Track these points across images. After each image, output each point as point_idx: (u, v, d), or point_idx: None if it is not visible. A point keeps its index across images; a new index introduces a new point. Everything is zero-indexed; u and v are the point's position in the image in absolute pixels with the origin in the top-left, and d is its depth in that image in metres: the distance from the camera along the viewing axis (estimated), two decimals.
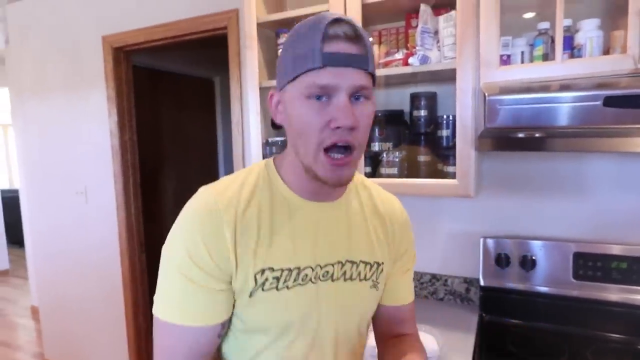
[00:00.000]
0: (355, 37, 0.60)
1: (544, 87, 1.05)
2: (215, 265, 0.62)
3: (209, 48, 2.52)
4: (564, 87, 1.02)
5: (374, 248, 0.75)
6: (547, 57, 1.14)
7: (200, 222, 0.63)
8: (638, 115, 0.89)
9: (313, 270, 0.68)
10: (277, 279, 0.65)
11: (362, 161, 1.35)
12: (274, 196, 0.68)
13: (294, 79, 0.61)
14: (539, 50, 1.14)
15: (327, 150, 0.61)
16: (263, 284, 0.64)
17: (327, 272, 0.70)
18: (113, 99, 2.28)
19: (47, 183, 2.67)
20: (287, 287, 0.66)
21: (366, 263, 0.74)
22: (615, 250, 1.26)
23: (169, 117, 3.04)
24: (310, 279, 0.68)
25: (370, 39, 1.48)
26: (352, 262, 0.72)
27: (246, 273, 0.63)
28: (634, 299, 1.24)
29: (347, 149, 0.61)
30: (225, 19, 1.88)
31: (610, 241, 1.31)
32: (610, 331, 1.27)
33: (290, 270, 0.66)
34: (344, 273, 0.71)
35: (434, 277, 1.58)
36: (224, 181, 0.69)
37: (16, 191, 4.44)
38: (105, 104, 2.32)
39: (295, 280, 0.66)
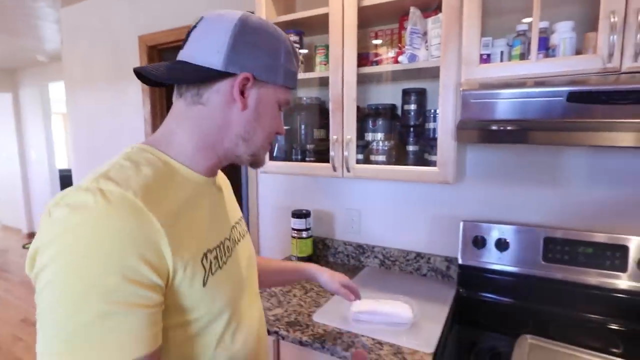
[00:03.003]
0: None
1: (520, 84, 1.02)
2: (157, 276, 0.48)
3: None
4: (537, 84, 0.99)
5: (235, 206, 0.78)
6: (524, 56, 1.10)
7: (129, 231, 0.46)
8: (600, 111, 0.85)
9: (228, 239, 0.65)
10: (217, 257, 0.59)
11: (354, 148, 1.34)
12: (177, 178, 0.58)
13: (279, 86, 0.63)
14: (516, 50, 1.10)
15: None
16: (210, 267, 0.57)
17: (233, 238, 0.68)
18: (147, 91, 2.32)
19: (92, 165, 2.76)
20: (225, 263, 0.62)
21: (240, 219, 0.77)
22: (583, 236, 1.22)
23: None
24: (230, 248, 0.65)
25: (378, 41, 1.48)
26: (237, 223, 0.74)
27: (191, 264, 0.53)
28: (598, 280, 1.21)
29: None
30: None
31: (579, 228, 1.28)
32: (572, 309, 1.24)
33: (219, 246, 0.61)
34: (239, 233, 0.72)
35: (418, 255, 1.57)
36: (113, 174, 0.51)
37: (70, 170, 4.59)
38: (140, 95, 2.37)
39: (225, 254, 0.62)
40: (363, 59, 1.42)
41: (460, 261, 1.40)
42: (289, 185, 1.87)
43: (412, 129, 1.42)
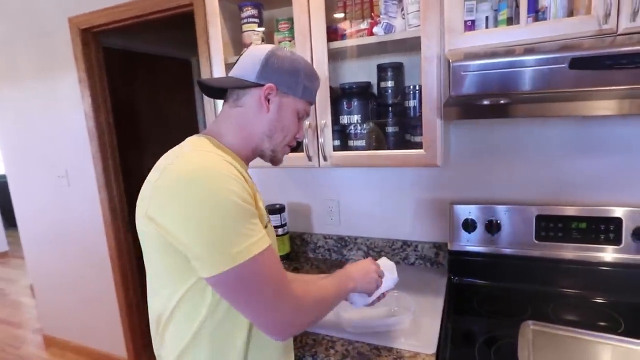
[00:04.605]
0: None
1: (509, 52, 0.94)
2: (253, 203, 0.70)
3: (184, 28, 2.31)
4: (529, 51, 0.91)
5: None
6: (511, 21, 1.03)
7: (233, 178, 0.67)
8: (602, 77, 0.79)
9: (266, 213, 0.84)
10: (266, 216, 0.79)
11: (330, 134, 1.24)
12: (233, 161, 0.76)
13: (298, 98, 0.83)
14: (503, 15, 1.02)
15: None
16: (265, 217, 0.78)
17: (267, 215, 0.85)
18: (85, 82, 2.08)
19: (29, 168, 2.48)
20: (267, 226, 0.78)
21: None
22: (575, 211, 1.20)
23: (147, 98, 2.84)
24: (268, 219, 0.83)
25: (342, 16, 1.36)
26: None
27: (262, 209, 0.75)
28: (592, 256, 1.19)
29: None
30: None
31: (571, 203, 1.25)
32: (569, 287, 1.23)
33: (264, 210, 0.79)
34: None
35: (405, 243, 1.51)
36: (201, 151, 0.72)
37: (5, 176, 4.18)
38: (77, 86, 2.12)
39: (267, 219, 0.81)
40: (331, 32, 1.30)
41: (450, 247, 1.36)
42: (258, 178, 1.75)
43: (390, 109, 1.33)
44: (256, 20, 1.35)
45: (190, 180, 0.63)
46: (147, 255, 0.73)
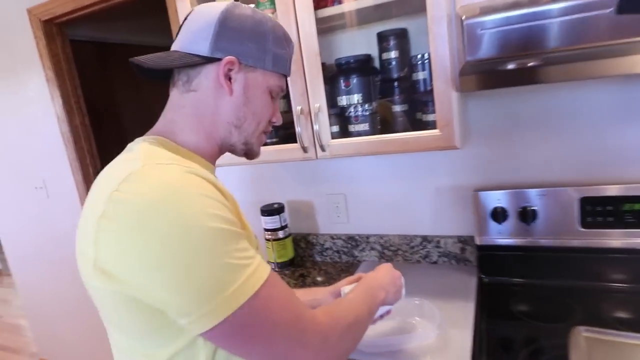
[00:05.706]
0: None
1: (532, 2, 0.81)
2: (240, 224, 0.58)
3: (161, 12, 2.20)
4: None
5: None
6: None
7: (207, 196, 0.54)
8: None
9: None
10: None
11: (326, 120, 1.12)
12: (199, 169, 0.62)
13: (269, 71, 0.70)
14: None
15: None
16: (256, 240, 0.67)
17: None
18: (53, 80, 1.98)
19: (3, 180, 2.42)
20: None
21: None
22: (627, 190, 1.07)
23: (128, 94, 2.74)
24: None
25: None
26: None
27: (249, 228, 0.64)
28: None
29: None
30: None
31: (620, 181, 1.12)
32: (624, 282, 1.10)
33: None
34: None
35: (425, 239, 1.39)
36: (156, 164, 0.57)
37: None
38: (46, 87, 2.03)
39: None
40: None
41: (478, 241, 1.24)
42: (251, 175, 1.64)
43: (396, 84, 1.21)
44: None
45: (152, 213, 0.49)
46: (105, 311, 0.60)
